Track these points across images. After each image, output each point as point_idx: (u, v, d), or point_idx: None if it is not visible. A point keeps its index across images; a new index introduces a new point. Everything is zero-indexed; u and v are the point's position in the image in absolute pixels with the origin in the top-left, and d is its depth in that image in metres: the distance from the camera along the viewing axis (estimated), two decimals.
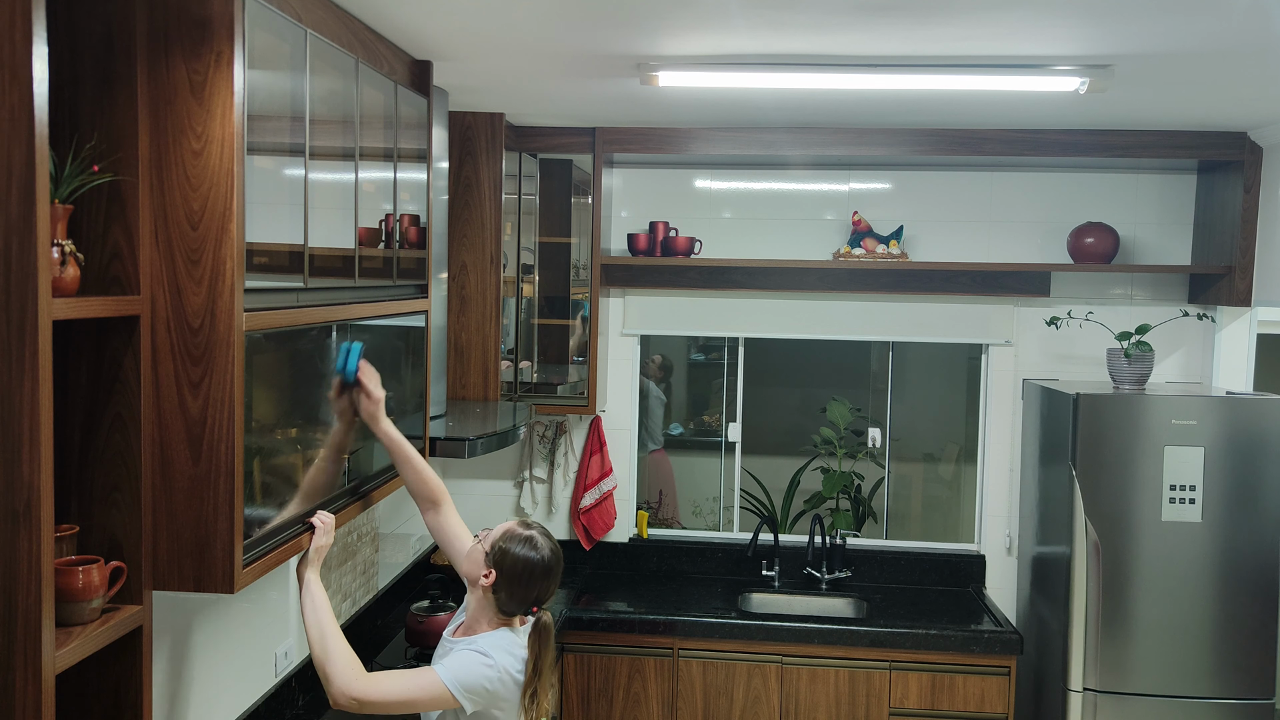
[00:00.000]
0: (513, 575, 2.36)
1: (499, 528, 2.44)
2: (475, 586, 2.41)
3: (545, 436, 4.62)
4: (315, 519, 2.31)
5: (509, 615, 2.41)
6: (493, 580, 2.36)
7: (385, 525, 3.92)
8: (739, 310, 4.53)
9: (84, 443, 1.87)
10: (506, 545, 2.38)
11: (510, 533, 2.41)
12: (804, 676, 3.97)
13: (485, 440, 3.25)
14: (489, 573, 2.36)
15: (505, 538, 2.40)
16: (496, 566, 2.36)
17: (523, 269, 4.27)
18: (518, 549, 2.38)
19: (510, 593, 2.37)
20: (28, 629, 1.56)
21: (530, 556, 2.37)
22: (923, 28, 2.58)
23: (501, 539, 2.40)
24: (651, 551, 4.65)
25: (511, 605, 2.39)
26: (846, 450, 4.91)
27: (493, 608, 2.39)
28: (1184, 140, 4.03)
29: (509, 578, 2.36)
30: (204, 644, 2.58)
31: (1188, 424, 3.79)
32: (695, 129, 4.16)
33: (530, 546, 2.39)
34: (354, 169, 2.52)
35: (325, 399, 2.41)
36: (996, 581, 4.52)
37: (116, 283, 1.86)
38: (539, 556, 2.38)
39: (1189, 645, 3.81)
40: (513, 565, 2.36)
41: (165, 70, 1.87)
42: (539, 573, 2.38)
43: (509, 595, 2.37)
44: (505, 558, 2.37)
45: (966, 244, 4.44)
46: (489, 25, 2.65)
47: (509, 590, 2.37)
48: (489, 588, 2.37)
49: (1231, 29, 2.52)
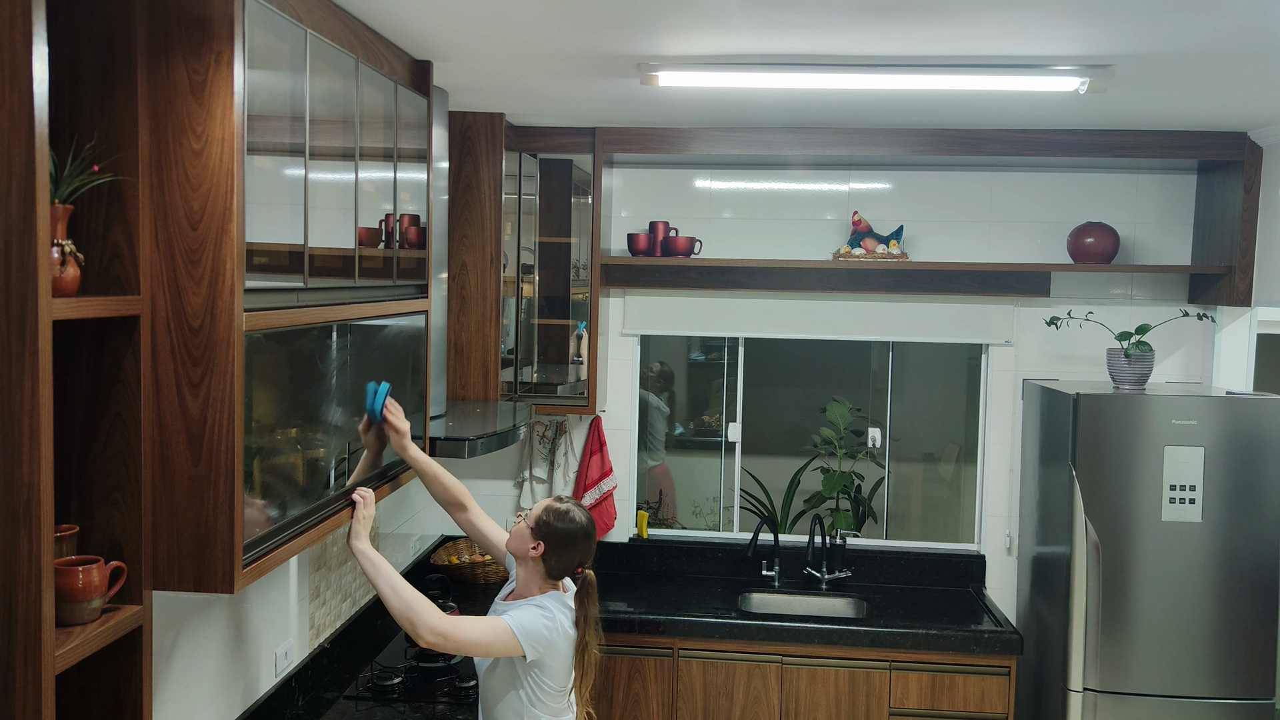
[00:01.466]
0: (558, 543, 2.69)
1: (538, 506, 2.77)
2: (525, 559, 2.72)
3: (545, 436, 4.62)
4: (355, 494, 2.58)
5: (556, 579, 2.74)
6: (541, 550, 2.68)
7: (385, 525, 3.93)
8: (739, 310, 4.53)
9: (84, 443, 1.87)
10: (549, 519, 2.71)
11: (550, 509, 2.74)
12: (804, 676, 3.97)
13: (485, 440, 3.25)
14: (537, 545, 2.69)
15: (547, 513, 2.73)
16: (544, 538, 2.69)
17: (523, 269, 4.27)
18: (558, 522, 2.71)
19: (558, 558, 2.70)
20: (28, 629, 1.56)
21: (571, 527, 2.71)
22: (923, 28, 2.58)
23: (544, 514, 2.72)
24: (651, 551, 4.65)
25: (559, 569, 2.72)
26: (846, 450, 4.91)
27: (541, 575, 2.72)
28: (1184, 140, 4.03)
29: (555, 546, 2.69)
30: (204, 644, 2.59)
31: (1188, 424, 3.79)
32: (695, 129, 4.16)
33: (569, 519, 2.72)
34: (354, 169, 2.52)
35: (325, 399, 2.41)
36: (996, 581, 4.52)
37: (116, 283, 1.86)
38: (578, 525, 2.73)
39: (1189, 645, 3.81)
40: (557, 535, 2.69)
41: (165, 70, 1.87)
42: (580, 538, 2.72)
43: (557, 561, 2.70)
44: (550, 530, 2.69)
45: (966, 244, 4.44)
46: (489, 25, 2.65)
47: (557, 556, 2.70)
48: (539, 558, 2.69)
49: (1231, 29, 2.52)
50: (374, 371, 2.74)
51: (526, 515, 2.78)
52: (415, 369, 3.08)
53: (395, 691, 3.25)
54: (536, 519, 2.73)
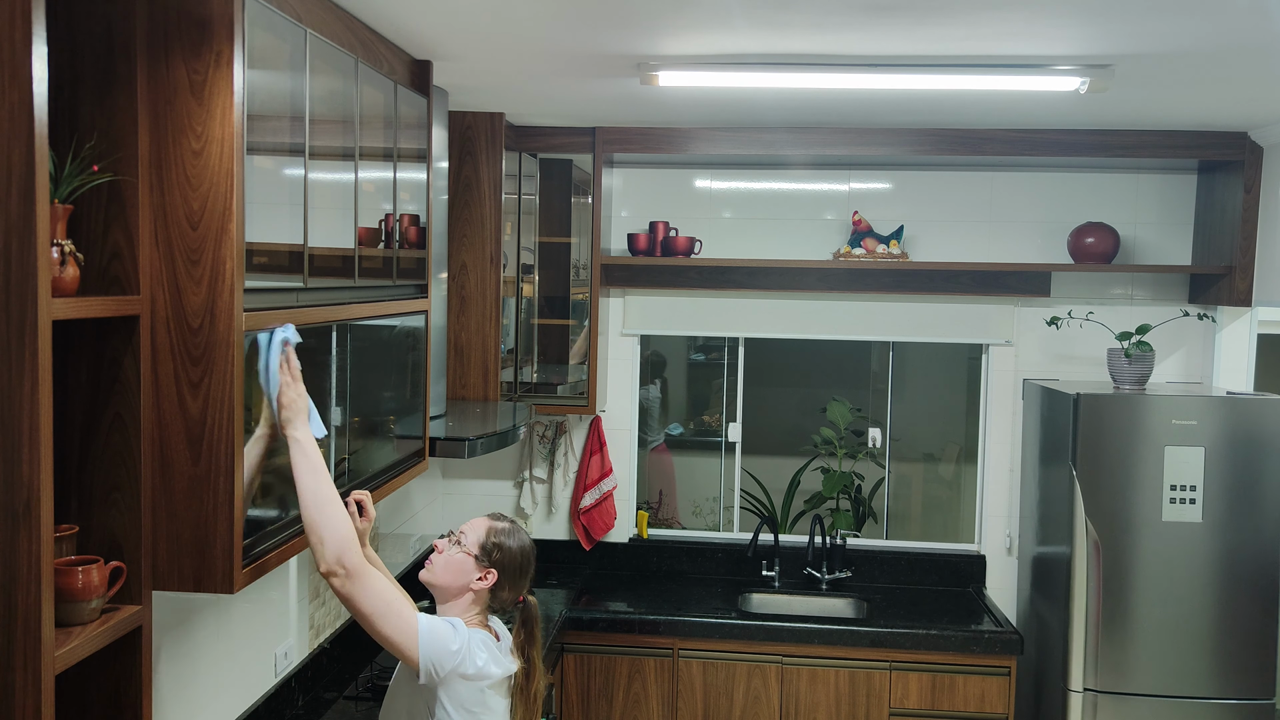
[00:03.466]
0: (513, 568, 2.33)
1: (473, 528, 2.35)
2: (459, 594, 2.30)
3: (545, 436, 4.62)
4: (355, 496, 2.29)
5: (500, 610, 2.37)
6: (494, 580, 2.30)
7: (385, 525, 3.93)
8: (739, 310, 4.53)
9: (84, 443, 1.87)
10: (500, 540, 2.32)
11: (494, 529, 2.35)
12: (804, 677, 3.97)
13: (485, 440, 3.25)
14: (486, 573, 2.30)
15: (493, 534, 2.33)
16: (497, 565, 2.31)
17: (523, 269, 4.27)
18: (510, 541, 2.34)
19: (512, 585, 2.34)
20: (28, 629, 1.56)
21: (525, 544, 2.37)
22: (923, 27, 2.58)
23: (490, 536, 2.33)
24: (651, 551, 4.65)
25: (510, 596, 2.35)
26: (846, 450, 4.90)
27: (482, 608, 2.33)
28: (1184, 140, 4.03)
29: (510, 572, 2.32)
30: (204, 644, 2.58)
31: (1188, 424, 3.79)
32: (695, 129, 4.16)
33: (520, 536, 2.37)
34: (354, 169, 2.52)
35: (325, 399, 2.41)
36: (996, 581, 4.52)
37: (116, 283, 1.86)
38: (529, 543, 2.39)
39: (1189, 645, 3.81)
40: (512, 558, 2.33)
41: (165, 70, 1.87)
42: (532, 557, 2.38)
43: (511, 588, 2.34)
44: (504, 552, 2.32)
45: (966, 244, 4.44)
46: (489, 25, 2.65)
47: (511, 583, 2.33)
48: (488, 589, 2.31)
49: (1231, 29, 2.52)
50: (373, 371, 2.74)
51: (452, 542, 2.33)
52: (415, 369, 3.08)
53: None
54: (481, 544, 2.30)
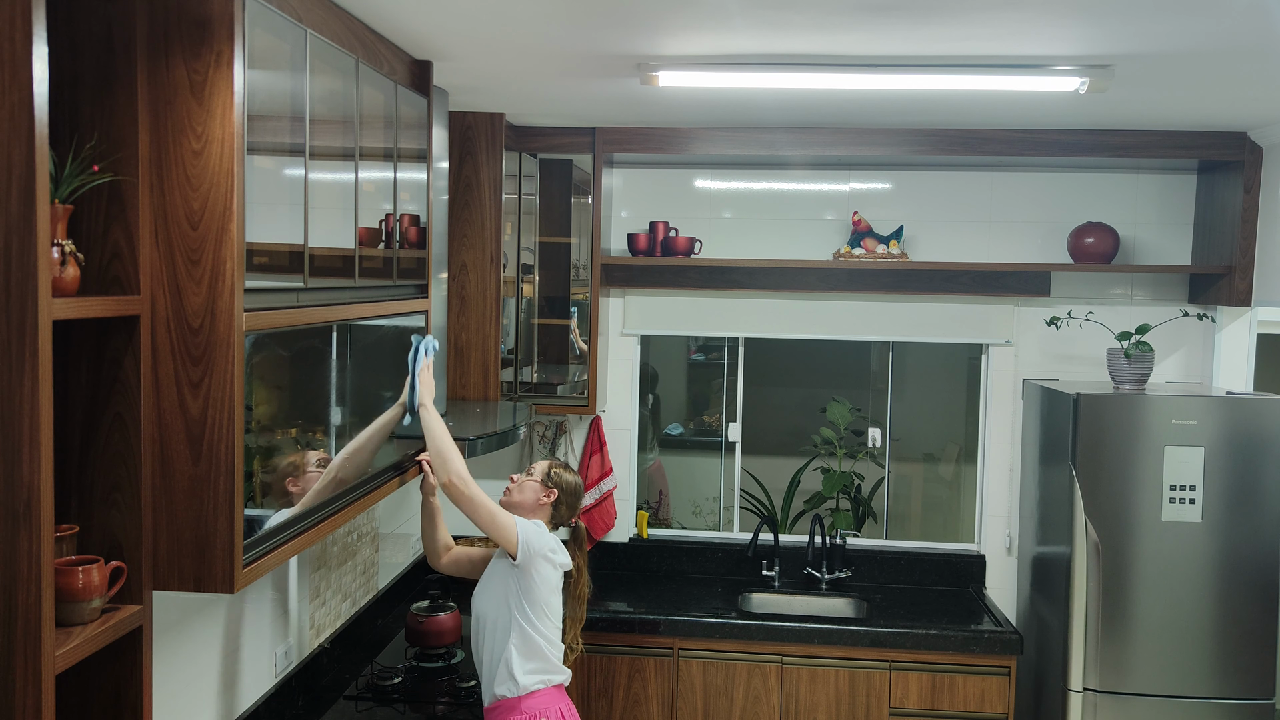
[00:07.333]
0: (568, 490, 3.12)
1: (537, 467, 3.15)
2: (532, 510, 3.06)
3: (545, 436, 4.62)
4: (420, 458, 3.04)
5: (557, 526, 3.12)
6: (555, 497, 3.08)
7: (385, 525, 3.93)
8: (739, 310, 4.53)
9: (84, 443, 1.87)
10: (559, 470, 3.14)
11: (553, 465, 3.16)
12: (804, 676, 3.97)
13: (485, 440, 3.25)
14: (550, 492, 3.08)
15: (553, 467, 3.14)
16: (556, 487, 3.09)
17: (523, 269, 4.27)
18: (566, 473, 3.15)
19: (569, 505, 3.12)
20: (28, 629, 1.56)
21: (575, 479, 3.17)
22: (923, 28, 2.58)
23: (550, 469, 3.13)
24: (651, 551, 4.65)
25: (566, 515, 3.13)
26: (846, 450, 4.90)
27: (547, 521, 3.07)
28: (1184, 140, 4.03)
29: (566, 494, 3.11)
30: (204, 644, 2.58)
31: (1188, 424, 3.79)
32: (695, 129, 4.16)
33: (573, 471, 3.20)
34: (354, 169, 2.52)
35: (325, 399, 2.41)
36: (996, 581, 4.52)
37: (116, 283, 1.86)
38: (578, 478, 3.21)
39: (1189, 645, 3.81)
40: (567, 484, 3.13)
41: (165, 70, 1.87)
42: (581, 489, 3.20)
43: (568, 506, 3.12)
44: (561, 480, 3.12)
45: (966, 244, 4.44)
46: (489, 25, 2.65)
47: (568, 503, 3.12)
48: (550, 504, 3.08)
49: (1232, 29, 2.52)
50: (373, 371, 2.74)
51: (523, 479, 3.11)
52: None
53: (395, 691, 3.25)
54: (545, 473, 3.11)
